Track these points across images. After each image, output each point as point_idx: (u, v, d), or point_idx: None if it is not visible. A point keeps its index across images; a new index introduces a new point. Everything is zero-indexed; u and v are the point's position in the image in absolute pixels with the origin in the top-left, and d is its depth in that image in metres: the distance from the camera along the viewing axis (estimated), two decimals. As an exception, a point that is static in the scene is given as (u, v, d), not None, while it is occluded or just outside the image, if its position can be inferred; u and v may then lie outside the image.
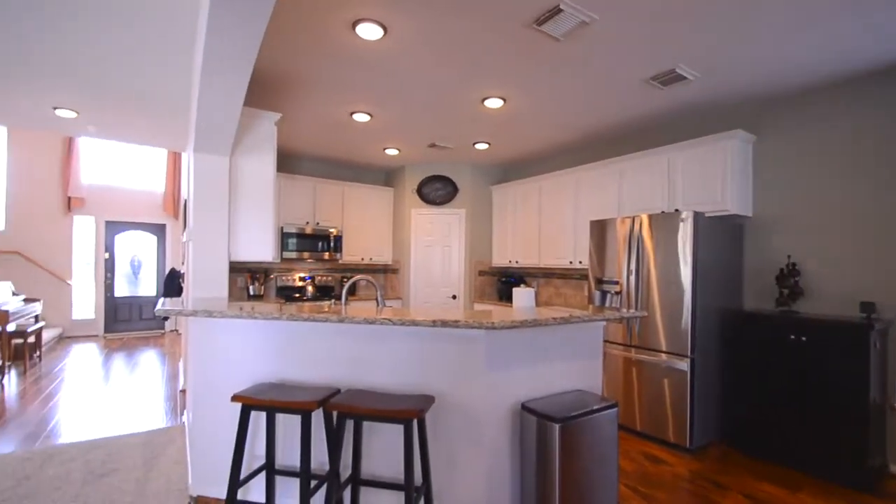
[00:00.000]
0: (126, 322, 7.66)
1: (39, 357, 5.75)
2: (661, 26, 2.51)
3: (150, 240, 7.86)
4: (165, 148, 5.63)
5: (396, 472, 2.18)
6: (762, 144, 3.51)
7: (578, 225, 4.68)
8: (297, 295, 5.45)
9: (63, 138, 7.06)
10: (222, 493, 2.46)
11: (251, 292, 5.10)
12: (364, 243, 5.88)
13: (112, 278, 7.56)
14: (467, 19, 2.49)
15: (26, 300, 5.88)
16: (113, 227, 7.56)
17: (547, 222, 5.09)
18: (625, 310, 2.55)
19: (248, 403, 1.96)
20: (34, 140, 6.97)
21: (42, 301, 6.29)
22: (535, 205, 5.24)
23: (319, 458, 2.31)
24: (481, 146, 5.02)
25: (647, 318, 3.43)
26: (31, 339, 5.44)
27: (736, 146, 3.40)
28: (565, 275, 5.18)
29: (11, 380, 4.85)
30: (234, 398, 1.96)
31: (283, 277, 5.48)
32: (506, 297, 5.49)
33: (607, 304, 3.78)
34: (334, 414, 2.14)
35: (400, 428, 2.18)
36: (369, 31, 2.61)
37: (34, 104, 3.88)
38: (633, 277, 3.59)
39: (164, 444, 3.23)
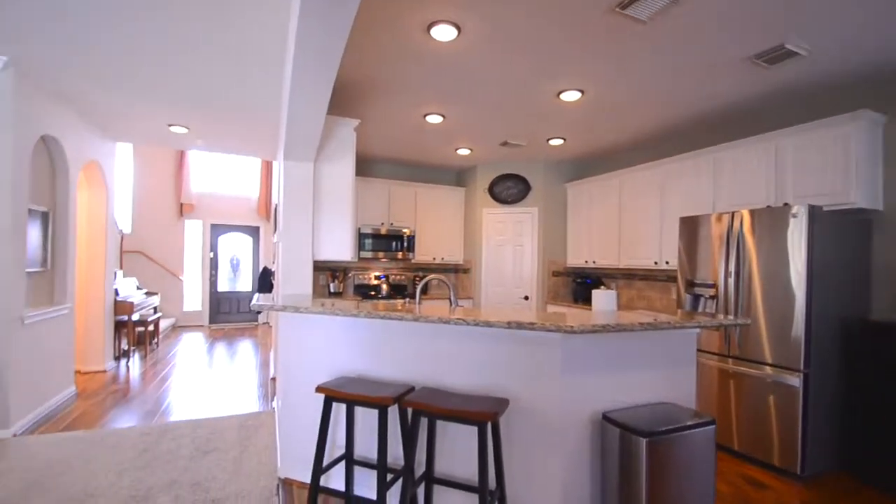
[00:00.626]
0: (227, 314, 8.50)
1: (157, 343, 6.56)
2: (768, -4, 2.23)
3: (247, 241, 8.65)
4: (259, 157, 6.15)
5: (470, 472, 2.16)
6: (895, 126, 2.98)
7: (665, 222, 4.33)
8: (372, 293, 5.67)
9: (176, 152, 8.00)
10: (306, 478, 2.61)
11: (331, 289, 5.40)
12: (436, 243, 5.97)
13: (215, 275, 8.43)
14: (543, 12, 2.40)
15: (147, 293, 6.73)
16: (216, 230, 8.43)
17: (628, 220, 4.78)
18: (723, 316, 2.30)
19: (331, 395, 2.05)
20: (152, 155, 7.98)
21: (159, 294, 7.19)
22: (615, 202, 4.95)
23: (395, 452, 2.35)
24: (556, 142, 4.85)
25: (749, 326, 3.07)
26: (151, 328, 6.22)
27: (862, 129, 2.93)
28: (649, 276, 4.83)
29: (135, 363, 5.58)
30: (318, 389, 2.06)
31: (360, 276, 5.74)
32: (581, 298, 5.25)
33: (700, 308, 3.45)
34: (409, 411, 2.17)
35: (473, 429, 2.16)
36: (443, 33, 2.62)
37: (153, 123, 4.43)
38: (731, 280, 3.24)
39: (256, 427, 3.51)
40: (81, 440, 3.24)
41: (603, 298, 2.37)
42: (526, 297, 5.60)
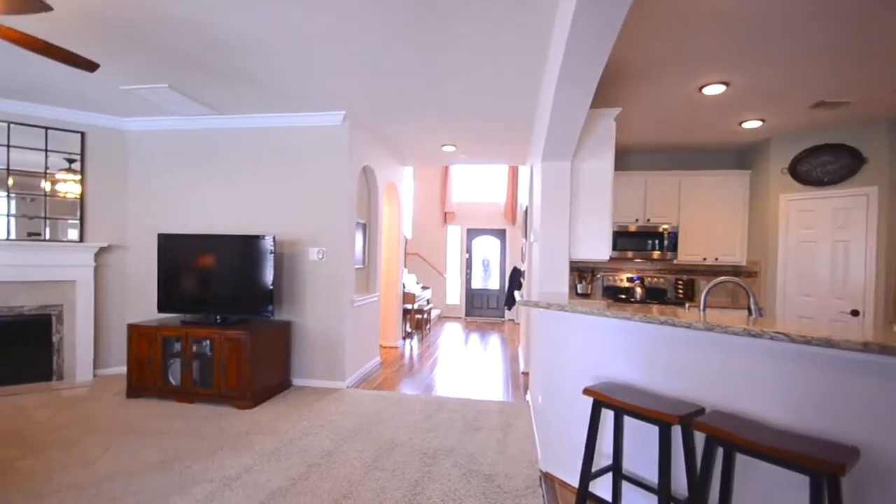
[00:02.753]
0: (479, 309, 9.51)
1: (429, 329, 7.87)
2: None
3: (495, 243, 9.48)
4: (507, 164, 6.65)
5: (778, 527, 1.73)
6: None
7: None
8: (623, 296, 5.30)
9: (442, 168, 9.44)
10: (565, 476, 2.62)
11: (579, 290, 5.32)
12: (706, 240, 5.06)
13: (470, 274, 9.56)
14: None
15: (423, 288, 8.15)
16: (471, 234, 9.55)
17: None
18: None
19: (600, 400, 1.99)
20: (425, 173, 9.64)
21: (430, 289, 8.61)
22: None
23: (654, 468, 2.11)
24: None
25: None
26: (425, 316, 7.50)
27: None
28: None
29: (414, 343, 6.82)
30: (587, 392, 2.03)
31: (609, 277, 5.45)
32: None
33: None
34: (696, 435, 1.90)
35: (798, 479, 1.70)
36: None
37: (431, 145, 5.34)
38: None
39: (514, 416, 3.75)
40: (387, 399, 4.15)
41: None
42: (854, 312, 4.11)
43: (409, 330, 7.06)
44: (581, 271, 5.44)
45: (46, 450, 2.96)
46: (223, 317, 4.17)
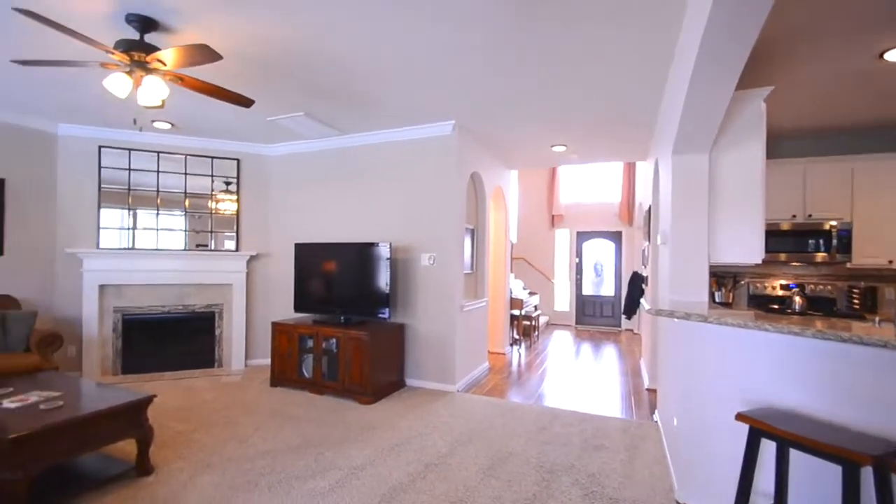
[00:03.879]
0: (591, 317, 8.99)
1: (537, 336, 7.64)
2: None
3: (609, 246, 8.88)
4: (623, 161, 6.19)
5: None
6: None
7: None
8: (777, 306, 4.53)
9: (548, 170, 9.17)
10: (709, 513, 2.30)
11: (717, 299, 4.70)
12: (892, 239, 4.08)
13: (580, 279, 9.09)
14: None
15: (530, 293, 7.96)
16: (581, 237, 9.09)
17: None
18: None
19: (759, 428, 1.70)
20: (530, 176, 9.44)
21: (538, 295, 8.37)
22: None
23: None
24: None
25: None
26: (532, 323, 7.30)
27: None
28: None
29: (522, 350, 6.66)
30: (741, 418, 1.75)
31: (757, 284, 4.72)
32: None
33: None
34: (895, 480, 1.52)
35: None
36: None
37: (540, 147, 5.19)
38: None
39: (640, 437, 3.43)
40: (497, 406, 4.10)
41: None
42: None
43: (516, 336, 6.94)
44: (719, 277, 4.80)
45: (211, 427, 3.47)
46: (346, 317, 4.51)
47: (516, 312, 6.78)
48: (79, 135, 4.65)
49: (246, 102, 3.06)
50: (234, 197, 5.26)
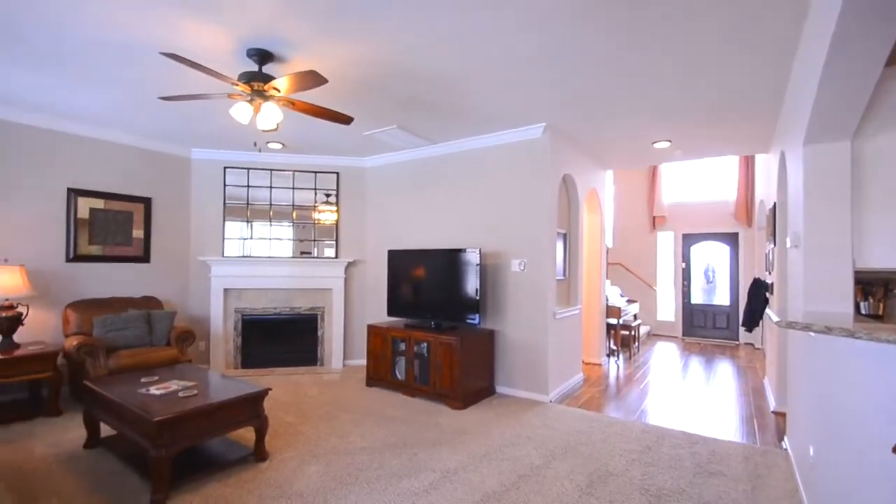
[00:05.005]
0: (701, 328, 8.12)
1: (637, 348, 7.09)
2: None
3: (722, 249, 7.97)
4: (739, 154, 5.52)
5: None
6: None
7: None
8: (948, 322, 3.69)
9: (648, 169, 8.52)
10: (867, 568, 1.90)
11: (863, 310, 3.95)
12: None
13: (688, 286, 8.27)
14: None
15: (628, 301, 7.43)
16: (688, 239, 8.28)
17: None
18: None
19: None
20: (627, 175, 8.84)
21: (637, 303, 7.78)
22: None
23: None
24: None
25: None
26: (632, 333, 6.79)
27: None
28: None
29: (620, 362, 6.22)
30: (911, 455, 1.42)
31: (917, 295, 3.88)
32: None
33: None
34: None
35: None
36: None
37: (639, 145, 4.84)
38: None
39: (766, 465, 2.98)
40: (594, 420, 3.86)
41: None
42: None
43: (613, 347, 6.51)
44: (866, 285, 4.03)
45: (316, 421, 3.73)
46: (436, 322, 4.59)
47: (613, 321, 6.37)
48: (208, 158, 5.35)
49: (346, 120, 3.27)
50: (334, 207, 5.66)
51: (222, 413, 2.77)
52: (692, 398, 4.58)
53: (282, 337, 5.54)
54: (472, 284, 4.37)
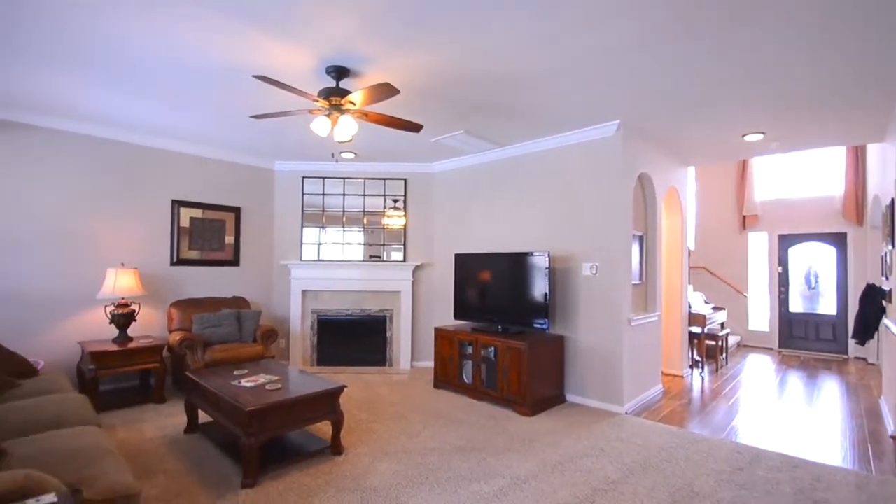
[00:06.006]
0: (801, 340, 7.25)
1: (725, 360, 6.48)
2: None
3: (828, 251, 7.07)
4: (848, 145, 4.87)
5: None
6: None
7: None
8: None
9: (737, 164, 7.80)
10: None
11: None
12: None
13: (786, 293, 7.43)
14: None
15: (714, 308, 6.83)
16: (785, 241, 7.45)
17: None
18: None
19: None
20: (712, 172, 8.16)
21: (725, 310, 7.13)
22: None
23: None
24: None
25: None
26: (718, 343, 6.22)
27: None
28: None
29: (705, 374, 5.72)
30: None
31: None
32: None
33: None
34: None
35: None
36: None
37: (727, 138, 4.44)
38: None
39: (883, 497, 2.58)
40: (675, 435, 3.58)
41: None
42: None
43: (696, 358, 6.01)
44: None
45: (386, 419, 3.84)
46: (504, 327, 4.53)
47: (697, 330, 5.89)
48: (289, 169, 5.75)
49: (415, 128, 3.35)
50: (402, 213, 5.82)
51: (304, 406, 2.95)
52: (791, 417, 4.09)
53: (353, 337, 5.78)
54: (540, 288, 4.26)
